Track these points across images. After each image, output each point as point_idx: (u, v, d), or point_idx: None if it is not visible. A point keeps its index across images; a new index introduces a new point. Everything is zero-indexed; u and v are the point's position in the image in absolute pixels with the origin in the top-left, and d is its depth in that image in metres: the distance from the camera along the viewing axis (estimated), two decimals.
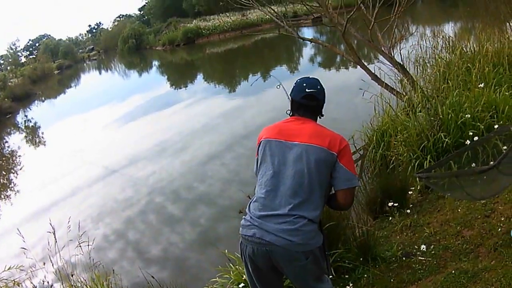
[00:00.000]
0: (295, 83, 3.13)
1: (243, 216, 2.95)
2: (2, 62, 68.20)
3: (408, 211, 5.05)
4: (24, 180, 13.47)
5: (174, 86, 25.80)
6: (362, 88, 7.66)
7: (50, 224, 4.96)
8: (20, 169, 15.80)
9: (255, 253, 2.82)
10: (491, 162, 3.36)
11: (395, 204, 5.08)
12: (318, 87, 3.08)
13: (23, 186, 12.83)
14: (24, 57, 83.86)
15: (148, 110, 18.86)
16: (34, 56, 79.58)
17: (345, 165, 2.86)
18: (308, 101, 3.04)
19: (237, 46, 35.48)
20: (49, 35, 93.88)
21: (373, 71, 8.14)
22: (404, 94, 7.62)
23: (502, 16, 10.26)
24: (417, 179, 5.28)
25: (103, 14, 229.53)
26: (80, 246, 4.89)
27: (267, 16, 10.03)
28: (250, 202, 2.98)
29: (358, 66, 8.38)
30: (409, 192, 5.41)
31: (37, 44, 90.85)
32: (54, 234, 4.81)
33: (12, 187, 13.90)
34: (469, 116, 5.93)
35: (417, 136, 6.15)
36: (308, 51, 26.45)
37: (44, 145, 18.98)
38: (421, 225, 4.67)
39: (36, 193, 11.51)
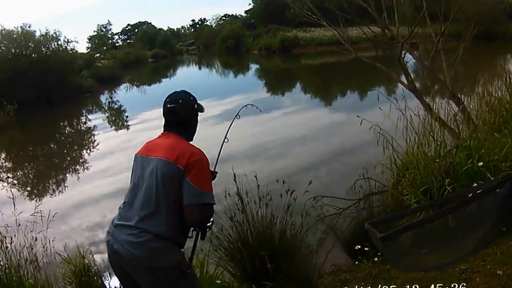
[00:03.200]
0: None
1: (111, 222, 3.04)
2: (96, 41, 70.47)
3: (376, 259, 4.69)
4: (101, 160, 13.61)
5: (271, 92, 25.82)
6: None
7: None
8: (94, 147, 16.16)
9: (110, 259, 2.93)
10: None
11: (365, 248, 4.74)
12: (180, 101, 3.07)
13: (97, 165, 12.96)
14: (121, 40, 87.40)
15: (248, 111, 18.51)
16: (131, 41, 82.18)
17: (191, 180, 2.80)
18: (169, 116, 3.08)
19: (333, 61, 35.02)
20: (150, 23, 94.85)
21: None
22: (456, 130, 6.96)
23: None
24: None
25: (209, 10, 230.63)
26: None
27: (365, 35, 10.08)
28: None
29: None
30: None
31: (136, 30, 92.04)
32: None
33: (82, 162, 14.35)
34: (481, 164, 5.29)
35: (424, 178, 5.67)
36: None
37: (127, 128, 19.30)
38: (384, 278, 4.37)
39: (116, 174, 11.37)
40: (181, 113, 3.06)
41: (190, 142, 3.11)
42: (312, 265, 4.39)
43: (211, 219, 3.11)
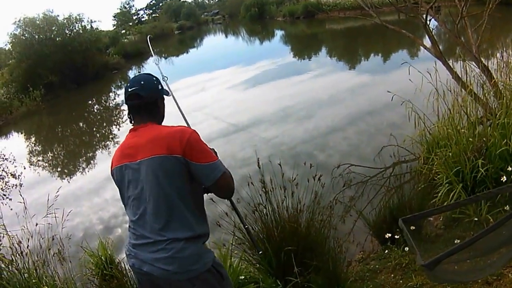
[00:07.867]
0: None
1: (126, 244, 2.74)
2: (122, 18, 71.02)
3: (406, 248, 4.30)
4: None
5: (297, 57, 25.83)
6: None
7: None
8: (123, 121, 16.11)
9: (141, 283, 2.65)
10: None
11: (395, 236, 4.44)
12: (142, 82, 2.68)
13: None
14: (147, 15, 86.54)
15: (275, 76, 19.02)
16: (156, 15, 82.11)
17: (198, 161, 2.52)
18: (132, 101, 2.68)
19: (357, 25, 34.43)
20: None
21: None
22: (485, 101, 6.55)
23: None
24: None
25: None
26: None
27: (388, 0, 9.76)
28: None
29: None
30: None
31: (160, 4, 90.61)
32: None
33: (112, 138, 14.76)
34: None
35: (456, 157, 5.28)
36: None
37: None
38: (414, 270, 4.04)
39: None
40: (145, 95, 2.66)
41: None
42: (340, 259, 4.08)
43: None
